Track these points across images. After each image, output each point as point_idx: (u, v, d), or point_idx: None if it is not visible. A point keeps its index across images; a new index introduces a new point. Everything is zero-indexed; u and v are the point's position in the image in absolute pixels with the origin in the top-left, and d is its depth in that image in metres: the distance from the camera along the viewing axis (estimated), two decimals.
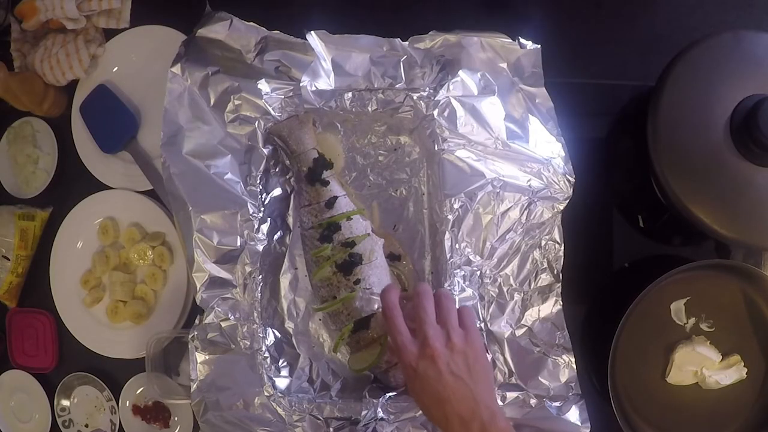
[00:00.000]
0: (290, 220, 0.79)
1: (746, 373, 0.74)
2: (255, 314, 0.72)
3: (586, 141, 0.80)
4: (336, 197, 0.75)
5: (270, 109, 0.75)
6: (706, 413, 0.74)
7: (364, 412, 0.70)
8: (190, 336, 0.71)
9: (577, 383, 0.72)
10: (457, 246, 0.72)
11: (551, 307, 0.73)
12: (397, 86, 0.76)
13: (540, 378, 0.71)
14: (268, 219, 0.76)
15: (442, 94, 0.75)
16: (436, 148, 0.75)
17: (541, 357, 0.72)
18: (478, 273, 0.72)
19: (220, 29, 0.77)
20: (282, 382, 0.73)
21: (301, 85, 0.75)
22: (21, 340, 0.88)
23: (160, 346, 0.79)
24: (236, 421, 0.70)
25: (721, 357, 0.74)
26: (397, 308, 0.63)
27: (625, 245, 0.82)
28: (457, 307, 0.64)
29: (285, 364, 0.75)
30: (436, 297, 0.64)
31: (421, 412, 0.70)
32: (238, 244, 0.73)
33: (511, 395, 0.71)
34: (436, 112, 0.75)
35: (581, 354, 0.76)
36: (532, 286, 0.73)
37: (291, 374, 0.75)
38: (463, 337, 0.62)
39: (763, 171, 0.65)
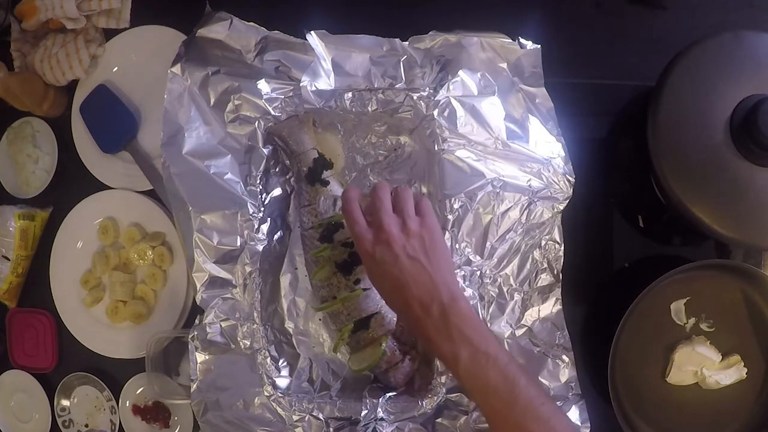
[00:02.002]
0: (290, 220, 0.79)
1: (746, 373, 0.74)
2: (255, 314, 0.72)
3: (586, 141, 0.80)
4: (336, 197, 0.75)
5: (270, 109, 0.75)
6: (706, 413, 0.74)
7: (364, 412, 0.70)
8: (190, 336, 0.71)
9: (577, 383, 0.72)
10: (457, 246, 0.72)
11: (551, 307, 0.73)
12: (397, 86, 0.76)
13: (540, 378, 0.71)
14: (268, 219, 0.76)
15: (442, 94, 0.75)
16: (436, 148, 0.75)
17: (541, 357, 0.72)
18: (478, 273, 0.72)
19: (220, 29, 0.77)
20: (282, 382, 0.73)
21: (301, 85, 0.75)
22: (21, 340, 0.88)
23: (160, 346, 0.79)
24: (236, 421, 0.70)
25: (721, 357, 0.74)
26: (355, 202, 0.65)
27: (625, 245, 0.82)
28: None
29: (285, 364, 0.75)
30: (393, 190, 0.65)
31: (420, 411, 0.70)
32: (238, 244, 0.73)
33: None
34: (436, 112, 0.75)
35: (581, 354, 0.76)
36: (532, 286, 0.73)
37: (291, 374, 0.75)
38: (418, 223, 0.63)
39: (763, 171, 0.65)
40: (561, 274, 0.74)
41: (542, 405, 0.56)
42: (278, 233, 0.78)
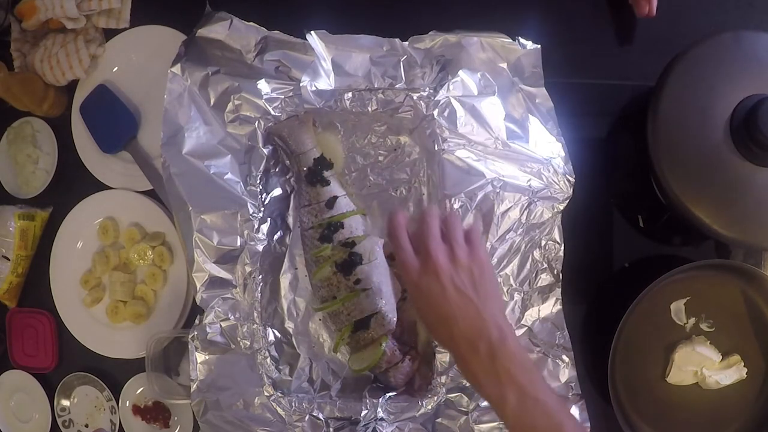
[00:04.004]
0: (290, 220, 0.79)
1: (746, 373, 0.74)
2: (255, 314, 0.72)
3: (586, 141, 0.80)
4: (336, 197, 0.75)
5: (270, 109, 0.75)
6: (706, 413, 0.75)
7: (364, 412, 0.70)
8: (190, 336, 0.71)
9: (577, 383, 0.72)
10: None
11: (551, 307, 0.73)
12: (397, 86, 0.76)
13: None
14: (268, 219, 0.76)
15: (442, 94, 0.75)
16: (436, 148, 0.75)
17: (541, 357, 0.72)
18: None
19: (220, 29, 0.77)
20: (282, 382, 0.73)
21: (301, 85, 0.75)
22: (21, 340, 0.88)
23: (160, 346, 0.79)
24: (236, 421, 0.70)
25: (721, 357, 0.74)
26: (402, 227, 0.62)
27: (625, 245, 0.82)
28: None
29: (285, 364, 0.75)
30: (443, 216, 0.63)
31: (420, 411, 0.70)
32: (238, 244, 0.73)
33: None
34: (436, 112, 0.75)
35: (581, 354, 0.76)
36: (532, 286, 0.73)
37: (291, 374, 0.75)
38: (467, 253, 0.60)
39: (763, 171, 0.65)
40: (561, 274, 0.74)
41: None
42: (278, 233, 0.78)
